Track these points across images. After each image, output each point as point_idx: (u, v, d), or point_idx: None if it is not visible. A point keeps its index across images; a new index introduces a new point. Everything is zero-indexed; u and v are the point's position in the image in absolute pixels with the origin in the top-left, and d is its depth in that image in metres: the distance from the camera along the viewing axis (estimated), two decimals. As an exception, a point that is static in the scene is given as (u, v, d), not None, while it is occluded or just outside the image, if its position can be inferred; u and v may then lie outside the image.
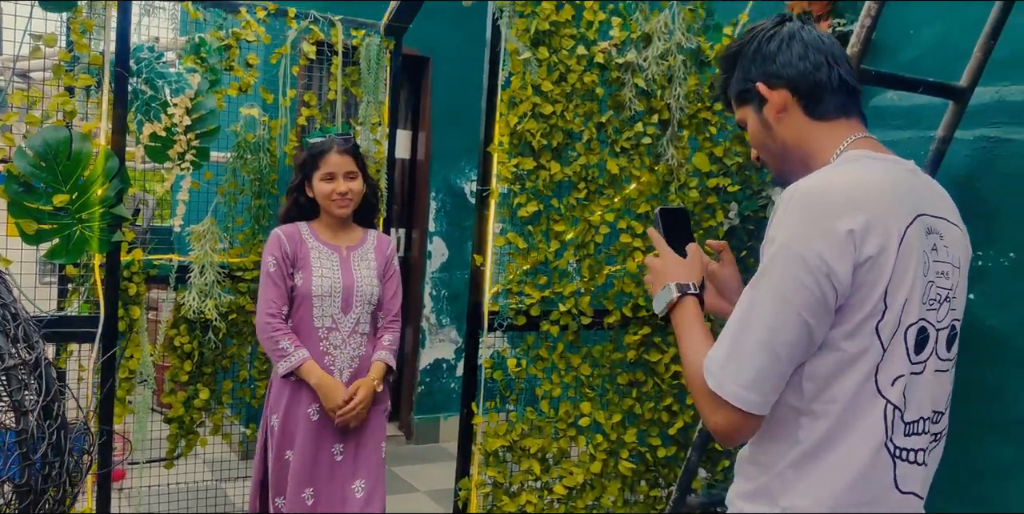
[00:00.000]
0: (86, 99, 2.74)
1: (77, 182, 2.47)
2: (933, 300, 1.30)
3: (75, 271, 2.86)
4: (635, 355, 3.17)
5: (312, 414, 2.70)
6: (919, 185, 1.36)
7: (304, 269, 2.71)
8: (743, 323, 1.25)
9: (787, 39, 1.40)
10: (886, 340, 1.24)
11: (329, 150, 2.72)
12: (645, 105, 3.11)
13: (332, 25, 3.41)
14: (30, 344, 1.80)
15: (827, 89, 1.39)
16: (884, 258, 1.22)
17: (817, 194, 1.23)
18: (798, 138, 1.41)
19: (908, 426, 1.28)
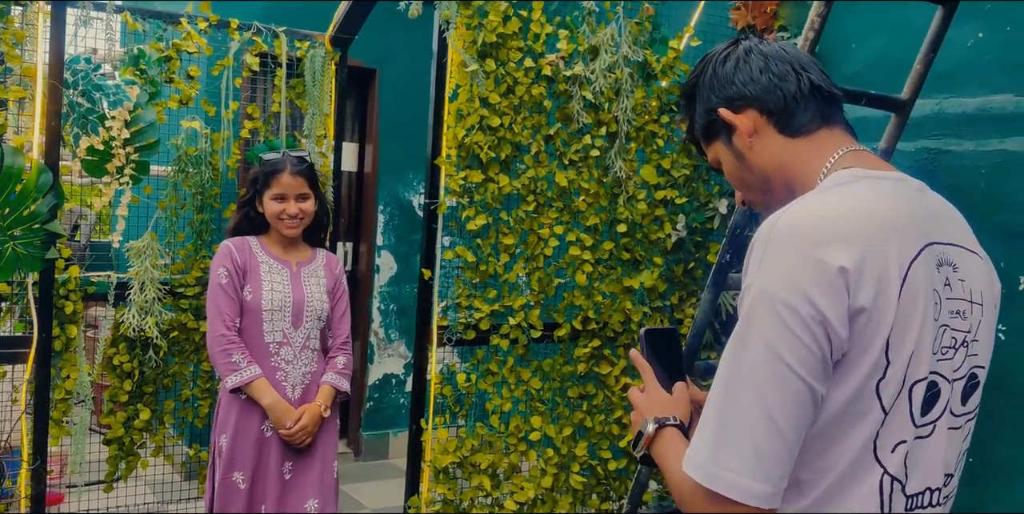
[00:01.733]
0: (19, 112, 2.66)
1: (8, 198, 2.39)
2: (947, 348, 1.08)
3: (8, 289, 2.76)
4: (585, 368, 3.16)
5: (265, 431, 2.62)
6: (927, 207, 1.14)
7: (253, 283, 2.64)
8: (728, 395, 1.01)
9: (743, 56, 1.23)
10: (888, 402, 1.02)
11: (282, 171, 2.66)
12: (593, 118, 3.12)
13: (276, 36, 3.36)
14: None
15: (798, 100, 1.20)
16: (884, 303, 1.00)
17: (799, 228, 1.02)
18: (777, 162, 1.21)
19: (911, 499, 1.06)
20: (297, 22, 3.52)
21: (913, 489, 1.06)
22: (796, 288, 0.98)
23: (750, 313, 1.01)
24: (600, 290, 3.18)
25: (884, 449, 1.03)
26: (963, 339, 1.11)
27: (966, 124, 2.79)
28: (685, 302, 3.42)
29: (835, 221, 1.02)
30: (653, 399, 1.24)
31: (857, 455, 1.03)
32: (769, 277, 1.00)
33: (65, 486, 3.89)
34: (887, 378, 1.02)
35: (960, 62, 2.79)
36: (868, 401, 1.02)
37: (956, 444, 1.13)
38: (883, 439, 1.03)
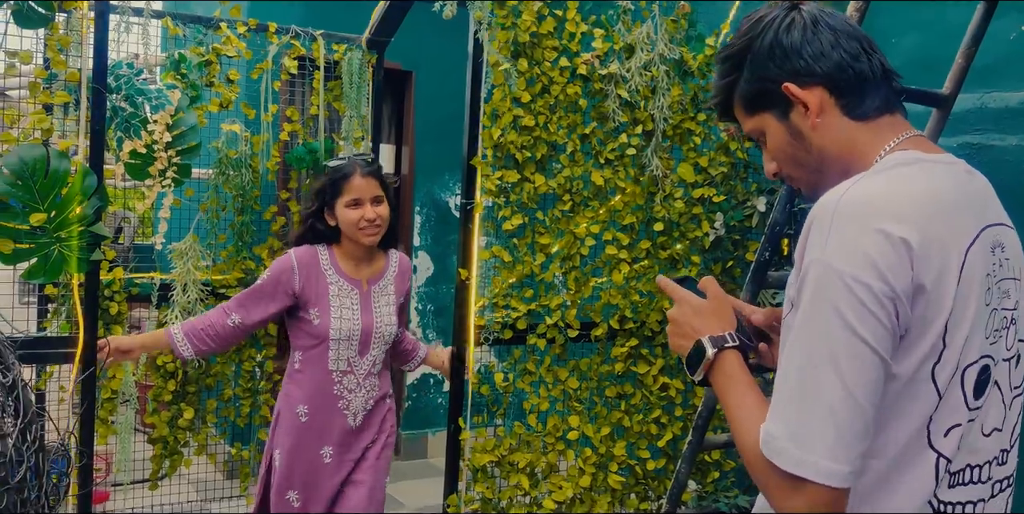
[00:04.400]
0: (64, 117, 2.71)
1: (55, 200, 2.44)
2: (997, 330, 1.08)
3: (55, 291, 2.82)
4: (623, 367, 3.15)
5: (325, 456, 2.50)
6: (977, 189, 1.13)
7: (321, 307, 2.46)
8: (805, 375, 0.99)
9: (810, 27, 1.15)
10: (943, 386, 1.02)
11: (352, 174, 2.46)
12: (629, 116, 3.11)
13: (313, 40, 3.39)
14: (6, 366, 1.76)
15: (870, 82, 1.15)
16: (944, 288, 1.00)
17: (863, 204, 1.01)
18: (839, 145, 1.16)
19: (953, 476, 1.07)
20: (334, 25, 3.55)
21: (957, 466, 1.07)
22: (866, 262, 0.97)
23: (819, 290, 0.99)
24: (637, 289, 3.17)
25: (938, 433, 1.03)
26: (1011, 317, 1.11)
27: (1009, 119, 2.74)
28: (723, 301, 3.39)
29: (897, 198, 1.01)
30: (690, 309, 1.20)
31: (911, 438, 1.03)
32: (836, 253, 0.99)
33: (111, 484, 3.96)
34: (942, 362, 1.01)
35: (1002, 56, 2.74)
36: (924, 384, 1.01)
37: (1010, 419, 1.13)
38: (937, 424, 1.03)
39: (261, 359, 3.34)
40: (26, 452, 1.72)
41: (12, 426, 1.70)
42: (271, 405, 3.37)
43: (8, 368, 1.78)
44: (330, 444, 2.51)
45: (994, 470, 1.12)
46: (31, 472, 1.72)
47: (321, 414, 2.50)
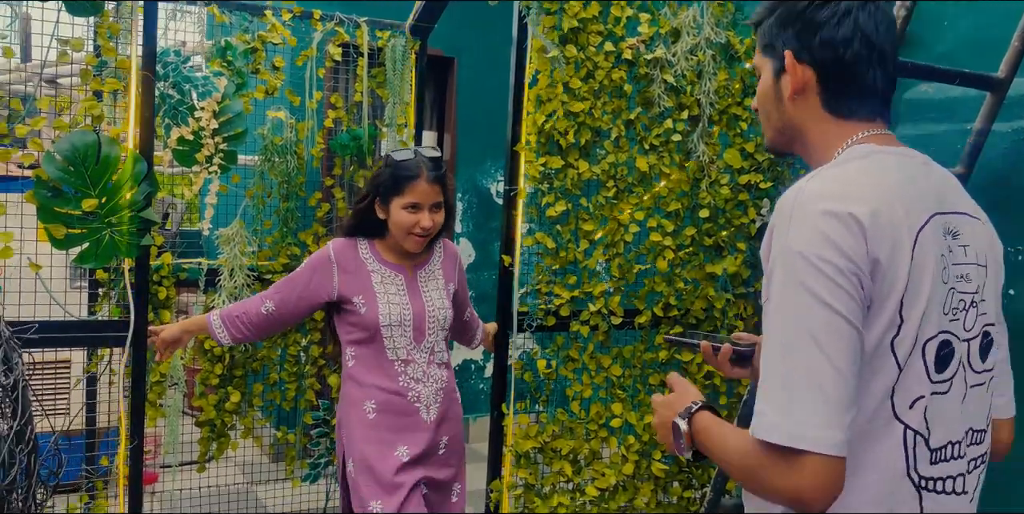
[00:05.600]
0: (113, 103, 2.75)
1: (106, 186, 2.47)
2: (956, 309, 1.15)
3: (105, 276, 2.87)
4: (667, 355, 3.13)
5: (401, 456, 2.36)
6: (932, 179, 1.21)
7: (367, 295, 2.36)
8: (788, 353, 1.04)
9: (841, 15, 1.19)
10: (902, 358, 1.09)
11: (418, 177, 2.32)
12: (674, 101, 3.07)
13: (357, 26, 3.40)
14: (9, 366, 1.72)
15: (857, 88, 1.21)
16: (897, 264, 1.07)
17: (819, 193, 1.09)
18: (807, 125, 1.25)
19: (935, 453, 1.13)
20: (378, 12, 3.56)
21: (936, 443, 1.13)
22: (826, 242, 1.05)
23: (788, 274, 1.07)
24: (682, 277, 3.14)
25: (902, 405, 1.10)
26: (971, 300, 1.18)
27: (1069, 103, 2.66)
28: (769, 289, 3.35)
29: (849, 185, 1.10)
30: (666, 405, 1.29)
31: (876, 409, 1.09)
32: (798, 238, 1.07)
33: (159, 466, 4.03)
34: (901, 335, 1.09)
35: (1063, 37, 2.65)
36: (884, 357, 1.08)
37: (983, 400, 1.21)
38: (900, 395, 1.10)
39: (306, 343, 3.37)
40: (19, 454, 1.70)
41: (8, 428, 1.68)
42: (316, 389, 3.40)
43: (11, 369, 1.73)
44: (405, 443, 2.36)
45: (970, 449, 1.19)
46: (21, 473, 1.71)
47: (391, 409, 2.37)
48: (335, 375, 3.34)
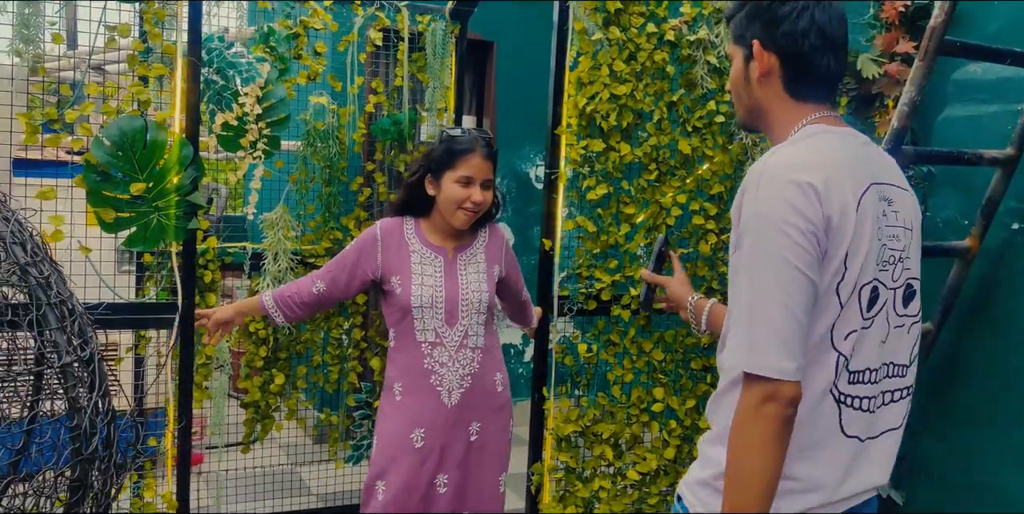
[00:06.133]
0: (159, 89, 2.78)
1: (153, 171, 2.51)
2: (886, 262, 1.39)
3: (152, 259, 2.91)
4: (709, 339, 3.11)
5: (416, 439, 2.37)
6: (871, 155, 1.45)
7: (402, 275, 2.38)
8: (752, 300, 1.29)
9: (800, 10, 1.41)
10: (844, 299, 1.33)
11: (473, 150, 2.34)
12: (717, 83, 3.03)
13: (398, 11, 3.40)
14: (85, 339, 1.78)
15: (814, 74, 1.44)
16: (845, 221, 1.31)
17: (779, 165, 1.32)
18: (769, 106, 1.48)
19: (852, 375, 1.37)
20: (418, -4, 3.55)
21: (855, 367, 1.37)
22: (788, 207, 1.28)
23: (758, 235, 1.30)
24: (724, 260, 3.11)
25: (839, 337, 1.35)
26: (899, 256, 1.43)
27: None
28: (813, 273, 3.31)
29: (805, 158, 1.34)
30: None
31: (820, 340, 1.33)
32: (766, 205, 1.30)
33: (205, 447, 4.10)
34: (845, 281, 1.32)
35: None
36: (830, 297, 1.32)
37: (907, 340, 1.46)
38: (839, 329, 1.34)
39: (348, 327, 3.40)
40: (99, 423, 1.75)
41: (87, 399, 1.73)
42: (359, 372, 3.43)
43: (86, 342, 1.79)
44: (422, 425, 2.36)
45: (887, 381, 1.43)
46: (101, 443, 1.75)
47: (413, 391, 2.38)
48: (377, 358, 3.37)
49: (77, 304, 1.81)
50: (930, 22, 2.41)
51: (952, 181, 3.01)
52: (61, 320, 1.72)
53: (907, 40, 3.09)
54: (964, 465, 2.91)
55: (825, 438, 1.37)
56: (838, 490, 1.37)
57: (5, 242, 1.70)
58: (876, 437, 1.43)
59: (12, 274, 1.70)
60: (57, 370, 1.69)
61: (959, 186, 2.99)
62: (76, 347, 1.73)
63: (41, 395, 1.77)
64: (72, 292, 1.84)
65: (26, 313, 1.68)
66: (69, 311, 1.76)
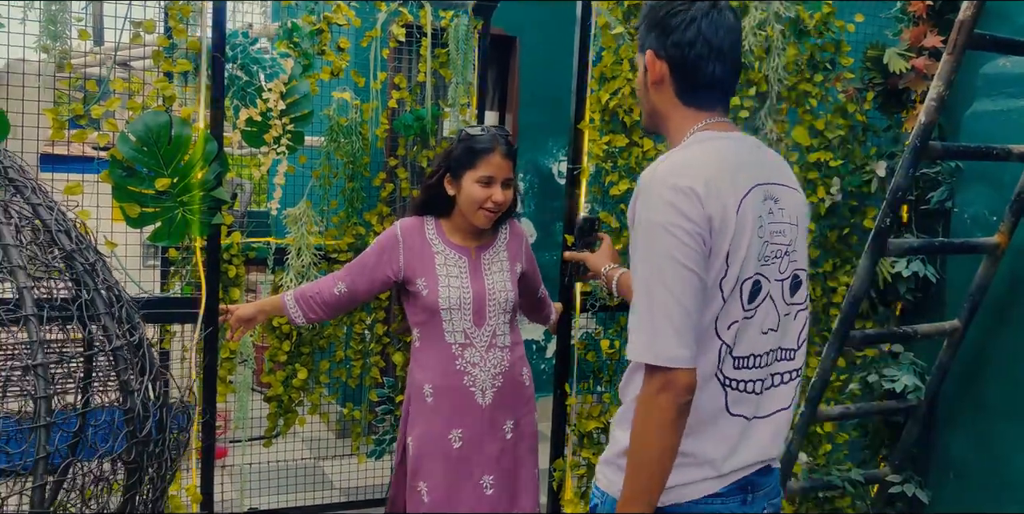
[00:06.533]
0: (184, 85, 2.79)
1: (178, 166, 2.52)
2: (769, 257, 1.51)
3: (177, 254, 2.93)
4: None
5: (453, 440, 2.37)
6: (759, 157, 1.56)
7: (428, 276, 2.36)
8: (648, 298, 1.41)
9: (687, 22, 1.51)
10: (727, 293, 1.45)
11: (493, 150, 2.33)
12: (742, 77, 3.01)
13: (421, 7, 3.40)
14: (132, 325, 1.82)
15: (701, 82, 1.53)
16: (726, 224, 1.42)
17: (666, 172, 1.43)
18: (665, 111, 1.59)
19: (736, 361, 1.50)
20: (441, -9, 3.55)
21: (739, 353, 1.51)
22: (674, 210, 1.40)
23: (648, 237, 1.42)
24: (748, 256, 3.09)
25: (722, 328, 1.48)
26: (785, 250, 1.55)
27: None
28: (839, 269, 3.28)
29: (689, 164, 1.45)
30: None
31: (705, 329, 1.46)
32: (654, 209, 1.42)
33: (228, 441, 4.13)
34: (727, 277, 1.44)
35: None
36: (714, 292, 1.45)
37: (793, 325, 1.59)
38: (721, 321, 1.47)
39: (371, 322, 3.41)
40: (152, 407, 1.78)
41: (139, 382, 1.77)
42: (381, 367, 3.44)
43: (135, 327, 1.84)
44: (459, 426, 2.36)
45: (777, 364, 1.56)
46: (155, 426, 1.78)
47: (447, 393, 2.37)
48: (399, 353, 3.38)
49: (123, 291, 1.84)
50: (959, 15, 2.38)
51: (980, 177, 2.97)
52: (109, 306, 1.74)
53: (935, 34, 3.04)
54: (991, 463, 2.88)
55: (711, 417, 1.50)
56: (726, 463, 1.51)
57: (51, 230, 1.72)
58: (765, 416, 1.56)
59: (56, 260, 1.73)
60: (109, 353, 1.72)
61: (987, 182, 2.95)
62: (125, 332, 1.76)
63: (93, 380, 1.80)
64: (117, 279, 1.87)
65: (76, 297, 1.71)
66: (116, 297, 1.78)
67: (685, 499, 1.50)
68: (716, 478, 1.51)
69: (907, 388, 2.90)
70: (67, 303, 1.70)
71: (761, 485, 1.57)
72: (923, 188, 3.07)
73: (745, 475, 1.54)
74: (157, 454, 1.81)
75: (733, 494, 1.53)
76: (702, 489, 1.51)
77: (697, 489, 1.50)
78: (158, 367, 1.87)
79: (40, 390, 1.51)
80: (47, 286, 1.72)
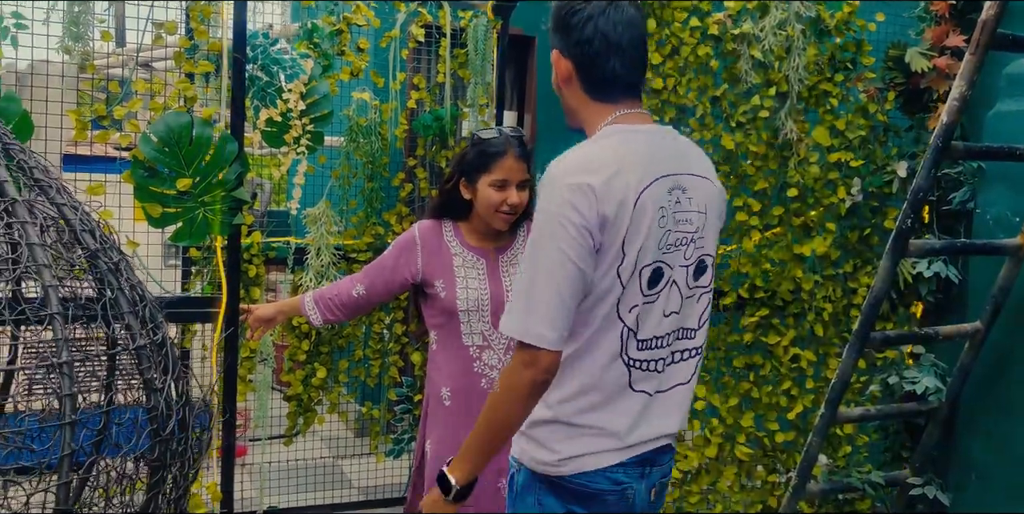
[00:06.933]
0: (205, 86, 2.81)
1: (199, 166, 2.54)
2: (671, 245, 1.57)
3: (198, 254, 2.95)
4: (752, 337, 3.08)
5: None
6: (669, 149, 1.61)
7: (446, 278, 2.36)
8: (530, 281, 1.50)
9: (584, 20, 1.57)
10: (625, 280, 1.53)
11: (505, 153, 2.29)
12: (762, 77, 3.00)
13: (440, 7, 3.40)
14: (155, 324, 1.82)
15: (603, 77, 1.59)
16: (621, 217, 1.49)
17: (567, 167, 1.52)
18: (578, 107, 1.65)
19: (640, 343, 1.58)
20: (460, -9, 3.56)
21: (643, 336, 1.58)
22: (568, 205, 1.47)
23: (543, 227, 1.50)
24: (768, 257, 3.08)
25: (624, 311, 1.55)
26: (691, 237, 1.61)
27: None
28: (860, 270, 3.26)
29: (589, 160, 1.53)
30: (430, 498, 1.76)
31: (606, 314, 1.55)
32: (551, 202, 1.50)
33: (248, 439, 4.15)
34: (624, 264, 1.52)
35: None
36: (612, 279, 1.53)
37: (695, 307, 1.66)
38: (622, 305, 1.55)
39: (390, 321, 3.42)
40: (175, 405, 1.79)
41: (162, 381, 1.77)
42: (399, 366, 3.45)
43: (158, 327, 1.85)
44: None
45: (678, 342, 1.64)
46: (178, 425, 1.79)
47: (465, 396, 2.34)
48: (418, 353, 3.39)
49: (147, 291, 1.85)
50: (981, 15, 2.36)
51: (1003, 177, 2.95)
52: (132, 305, 1.75)
53: (957, 34, 3.02)
54: (1013, 465, 2.85)
55: (616, 393, 1.59)
56: (629, 436, 1.60)
57: (76, 230, 1.74)
58: (666, 391, 1.65)
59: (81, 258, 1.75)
60: (132, 352, 1.73)
61: (1010, 182, 2.92)
62: (148, 331, 1.77)
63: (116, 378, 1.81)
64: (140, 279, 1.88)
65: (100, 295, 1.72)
66: (140, 297, 1.79)
67: (588, 468, 1.60)
68: (619, 450, 1.60)
69: (928, 390, 2.88)
70: (91, 302, 1.71)
71: (658, 462, 1.68)
72: (945, 189, 3.05)
73: (647, 450, 1.64)
74: (180, 453, 1.82)
75: (634, 466, 1.62)
76: (606, 459, 1.60)
77: (601, 459, 1.60)
78: (180, 366, 1.88)
79: (65, 388, 1.52)
80: (71, 285, 1.73)
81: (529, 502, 1.65)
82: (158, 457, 1.74)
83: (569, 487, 1.61)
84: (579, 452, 1.59)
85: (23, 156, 1.77)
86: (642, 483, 1.65)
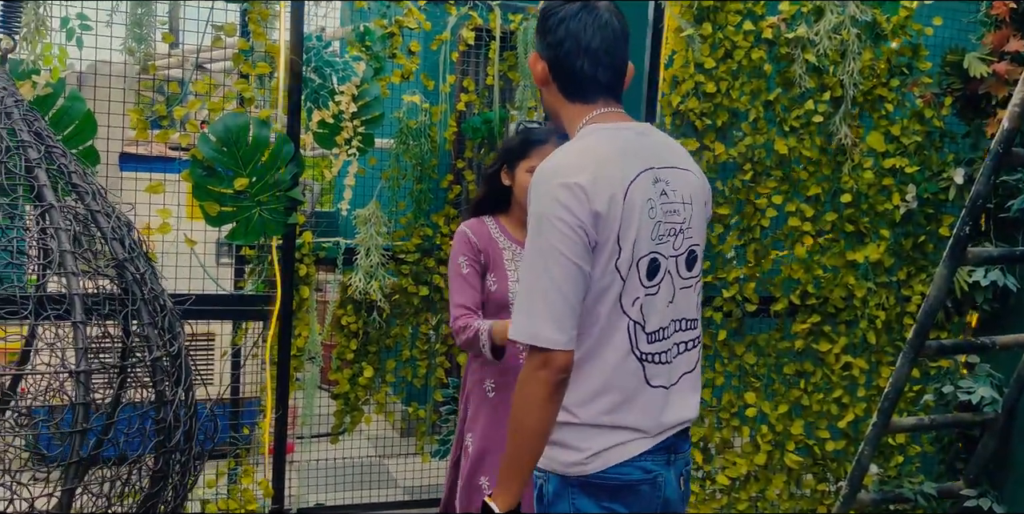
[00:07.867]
0: (260, 87, 2.85)
1: (256, 166, 2.58)
2: (662, 235, 1.59)
3: (251, 252, 2.99)
4: (803, 344, 3.05)
5: None
6: (648, 144, 1.64)
7: (497, 272, 2.39)
8: (532, 286, 1.51)
9: (559, 22, 1.60)
10: (624, 273, 1.54)
11: (547, 141, 2.35)
12: (816, 82, 2.97)
13: (490, 10, 3.42)
14: (173, 334, 1.81)
15: (574, 78, 1.61)
16: (613, 212, 1.51)
17: (554, 168, 1.54)
18: (557, 108, 1.67)
19: (649, 336, 1.59)
20: (512, -5, 3.57)
21: (651, 328, 1.59)
22: (559, 205, 1.50)
23: (539, 229, 1.52)
24: (821, 263, 3.04)
25: (627, 305, 1.57)
26: (679, 228, 1.63)
27: None
28: (914, 278, 3.21)
29: (575, 159, 1.55)
30: None
31: (610, 310, 1.56)
32: (543, 204, 1.52)
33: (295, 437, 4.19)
34: (621, 258, 1.54)
35: None
36: (612, 274, 1.54)
37: (690, 298, 1.67)
38: (625, 298, 1.56)
39: (436, 322, 3.44)
40: (183, 417, 1.78)
41: (172, 393, 1.76)
42: (446, 367, 3.46)
43: (175, 337, 1.82)
44: None
45: (678, 334, 1.64)
46: (183, 436, 1.78)
47: (509, 388, 2.24)
48: (464, 354, 3.39)
49: (168, 300, 1.85)
50: None
51: (1065, 184, 2.89)
52: (153, 315, 1.76)
53: (1018, 38, 2.97)
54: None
55: (634, 391, 1.59)
56: (655, 429, 1.62)
57: (107, 238, 1.75)
58: (677, 382, 1.66)
59: (108, 266, 1.75)
60: (148, 363, 1.73)
61: (1072, 189, 2.87)
62: (166, 342, 1.77)
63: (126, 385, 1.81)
64: (164, 288, 1.87)
65: (122, 306, 1.72)
66: (161, 307, 1.79)
67: (616, 460, 1.59)
68: (645, 438, 1.61)
69: (984, 400, 2.82)
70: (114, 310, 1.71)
71: (680, 448, 1.69)
72: (1002, 196, 2.99)
73: (670, 435, 1.65)
74: (182, 463, 1.81)
75: (660, 453, 1.63)
76: (632, 449, 1.60)
77: (627, 450, 1.60)
78: (192, 376, 1.87)
79: (79, 396, 1.52)
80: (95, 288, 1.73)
81: (563, 508, 1.63)
82: (161, 468, 1.74)
83: (602, 484, 1.59)
84: (605, 446, 1.59)
85: (64, 160, 1.78)
86: (670, 471, 1.65)
